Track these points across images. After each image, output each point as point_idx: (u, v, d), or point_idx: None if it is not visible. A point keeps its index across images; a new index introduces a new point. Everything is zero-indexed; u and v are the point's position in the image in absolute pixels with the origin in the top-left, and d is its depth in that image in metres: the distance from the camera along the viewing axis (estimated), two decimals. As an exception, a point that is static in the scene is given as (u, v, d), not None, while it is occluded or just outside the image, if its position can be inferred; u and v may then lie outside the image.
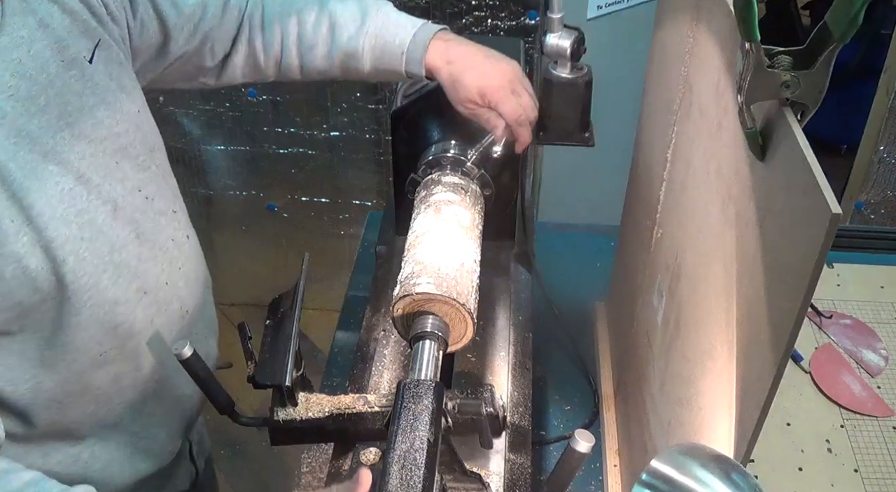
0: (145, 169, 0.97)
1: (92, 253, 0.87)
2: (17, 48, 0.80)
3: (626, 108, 1.54)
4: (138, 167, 0.95)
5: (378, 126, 2.35)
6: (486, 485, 0.93)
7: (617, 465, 1.28)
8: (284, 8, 1.09)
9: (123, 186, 0.92)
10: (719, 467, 0.62)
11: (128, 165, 0.93)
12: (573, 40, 1.13)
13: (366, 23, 1.07)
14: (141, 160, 0.96)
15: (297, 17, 1.09)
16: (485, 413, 0.86)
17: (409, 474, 0.73)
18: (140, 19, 0.99)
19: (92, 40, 0.90)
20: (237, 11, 1.09)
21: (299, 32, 1.09)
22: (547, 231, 1.71)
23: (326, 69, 1.11)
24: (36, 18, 0.83)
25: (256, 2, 1.10)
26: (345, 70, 1.11)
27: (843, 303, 1.51)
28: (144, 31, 1.00)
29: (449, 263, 0.95)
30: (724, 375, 0.75)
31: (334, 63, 1.10)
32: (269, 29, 1.09)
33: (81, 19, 0.88)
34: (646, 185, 1.17)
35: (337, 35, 1.08)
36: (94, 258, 0.87)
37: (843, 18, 0.57)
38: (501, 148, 1.11)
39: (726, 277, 0.76)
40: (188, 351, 0.87)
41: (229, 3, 1.08)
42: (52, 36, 0.84)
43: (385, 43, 1.07)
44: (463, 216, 1.05)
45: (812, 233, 0.55)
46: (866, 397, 1.32)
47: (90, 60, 0.89)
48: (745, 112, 0.65)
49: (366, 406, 0.93)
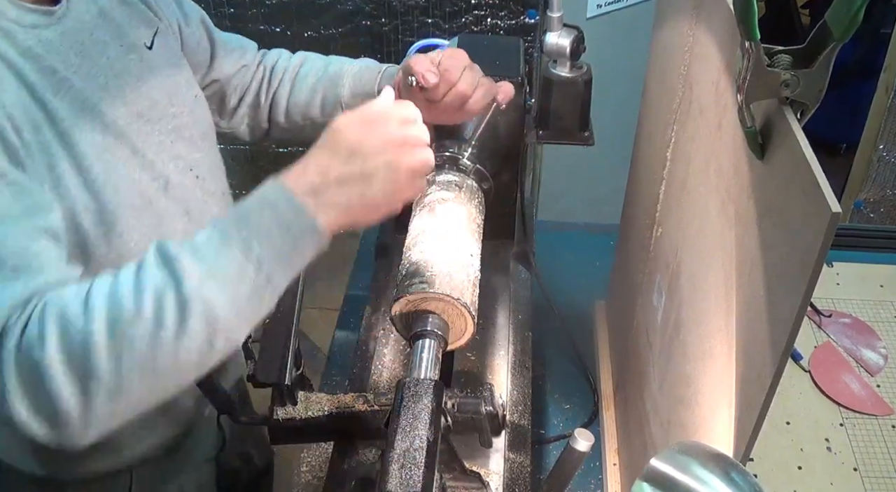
0: (198, 150, 1.03)
1: (140, 222, 0.91)
2: (81, 32, 0.88)
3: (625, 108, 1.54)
4: (192, 148, 1.01)
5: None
6: (485, 484, 0.93)
7: (616, 464, 1.28)
8: (293, 62, 1.20)
9: (176, 165, 0.98)
10: (719, 465, 0.62)
11: (181, 146, 0.99)
12: (573, 39, 1.13)
13: (354, 63, 1.17)
14: (194, 142, 1.02)
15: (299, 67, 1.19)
16: (484, 412, 0.86)
17: (408, 473, 0.73)
18: (193, 30, 1.09)
19: (150, 29, 0.99)
20: (263, 68, 1.20)
21: (297, 72, 1.19)
22: (546, 230, 1.71)
23: (308, 100, 1.16)
24: (97, 7, 0.92)
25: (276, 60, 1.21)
26: (324, 99, 1.16)
27: (842, 302, 1.51)
28: (196, 42, 1.10)
29: (443, 260, 0.95)
30: (723, 373, 0.75)
31: (317, 92, 1.15)
32: (275, 73, 1.20)
33: (139, 9, 0.98)
34: (645, 184, 1.17)
35: (329, 69, 1.17)
36: (142, 227, 0.92)
37: (842, 17, 0.57)
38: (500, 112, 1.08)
39: (726, 275, 0.76)
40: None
41: (264, 58, 1.21)
42: (111, 23, 0.93)
43: (366, 68, 1.15)
44: (458, 213, 1.05)
45: (811, 232, 0.55)
46: (866, 395, 1.32)
47: (149, 47, 0.97)
48: (745, 111, 0.65)
49: (365, 405, 0.93)
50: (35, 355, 0.67)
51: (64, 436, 0.70)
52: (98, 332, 0.67)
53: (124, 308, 0.68)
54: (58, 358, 0.67)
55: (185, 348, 0.69)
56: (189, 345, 0.69)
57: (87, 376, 0.67)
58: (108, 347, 0.67)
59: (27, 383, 0.68)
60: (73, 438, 0.70)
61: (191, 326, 0.69)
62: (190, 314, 0.69)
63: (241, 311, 0.72)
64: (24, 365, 0.68)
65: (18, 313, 0.69)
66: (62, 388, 0.67)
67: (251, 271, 0.71)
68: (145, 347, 0.68)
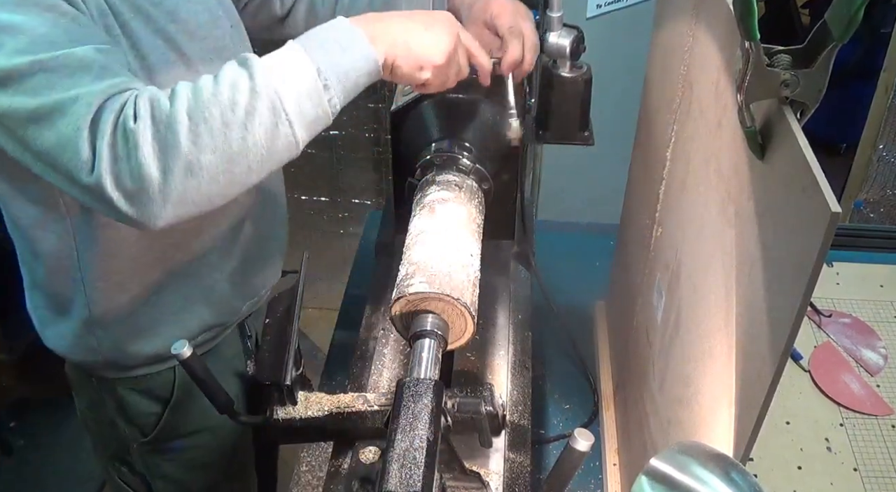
0: None
1: None
2: None
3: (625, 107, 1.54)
4: None
5: (377, 125, 2.35)
6: (485, 484, 0.93)
7: (616, 464, 1.28)
8: None
9: None
10: (718, 465, 0.62)
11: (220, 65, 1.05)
12: (573, 39, 1.13)
13: None
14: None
15: None
16: (484, 412, 0.86)
17: (408, 472, 0.73)
18: None
19: None
20: None
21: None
22: (546, 230, 1.71)
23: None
24: None
25: None
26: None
27: (842, 302, 1.51)
28: None
29: (443, 260, 0.95)
30: (723, 373, 0.75)
31: (376, 6, 1.19)
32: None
33: None
34: (645, 183, 1.17)
35: None
36: None
37: (842, 17, 0.57)
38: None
39: (726, 275, 0.76)
40: (187, 351, 0.87)
41: None
42: None
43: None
44: (458, 213, 1.05)
45: (811, 232, 0.55)
46: (865, 395, 1.32)
47: None
48: (745, 111, 0.65)
49: (365, 405, 0.93)
50: (129, 127, 0.78)
51: (142, 208, 0.80)
52: (180, 111, 0.79)
53: (203, 93, 0.80)
54: (147, 131, 0.78)
55: (253, 132, 0.80)
56: (257, 129, 0.80)
57: (168, 148, 0.78)
58: (188, 125, 0.78)
59: (118, 153, 0.78)
60: (151, 211, 0.80)
61: (259, 109, 0.80)
62: (258, 98, 0.80)
63: (302, 108, 0.82)
64: (117, 136, 0.79)
65: (115, 95, 0.80)
66: (148, 157, 0.78)
67: (312, 73, 0.82)
68: (219, 125, 0.79)
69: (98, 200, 0.81)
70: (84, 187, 0.80)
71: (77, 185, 0.81)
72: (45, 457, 2.32)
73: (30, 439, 2.37)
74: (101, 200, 0.80)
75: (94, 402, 1.25)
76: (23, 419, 2.41)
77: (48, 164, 0.82)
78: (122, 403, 1.21)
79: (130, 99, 0.80)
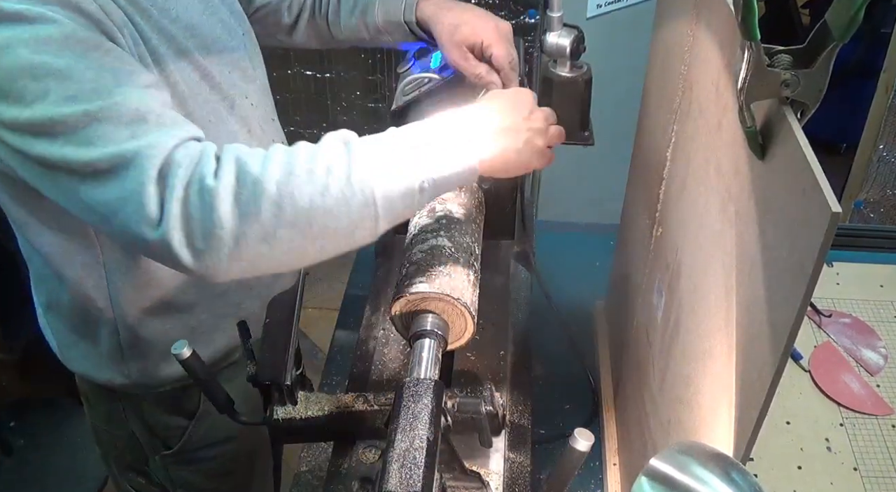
0: (251, 81, 1.11)
1: (217, 139, 0.94)
2: None
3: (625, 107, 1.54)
4: (245, 79, 1.09)
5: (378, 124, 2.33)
6: (485, 484, 0.93)
7: (616, 463, 1.28)
8: None
9: (235, 91, 1.06)
10: (719, 465, 0.62)
11: (237, 76, 1.07)
12: (573, 39, 1.13)
13: None
14: (247, 74, 1.10)
15: None
16: (484, 412, 0.86)
17: (408, 472, 0.73)
18: None
19: None
20: None
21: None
22: (546, 230, 1.71)
23: (354, 24, 1.24)
24: None
25: None
26: (366, 26, 1.23)
27: (842, 302, 1.51)
28: None
29: (443, 260, 0.95)
30: (723, 373, 0.75)
31: (356, 16, 1.23)
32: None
33: None
34: (645, 183, 1.17)
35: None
36: (212, 139, 0.95)
37: (842, 17, 0.57)
38: None
39: (726, 275, 0.76)
40: (187, 351, 0.87)
41: None
42: None
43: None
44: (457, 212, 1.05)
45: (812, 232, 0.55)
46: (866, 395, 1.32)
47: None
48: (745, 111, 0.65)
49: (365, 405, 0.93)
50: (206, 184, 0.75)
51: (208, 267, 0.77)
52: (270, 180, 0.75)
53: (297, 169, 0.77)
54: (230, 191, 0.75)
55: (338, 218, 0.78)
56: (342, 217, 0.78)
57: (249, 214, 0.75)
58: (274, 196, 0.75)
59: (189, 211, 0.75)
60: (216, 269, 0.77)
61: (350, 201, 0.77)
62: (353, 191, 0.77)
63: (393, 206, 0.80)
64: (190, 192, 0.75)
65: (179, 147, 0.77)
66: (225, 218, 0.74)
67: (415, 180, 0.80)
68: (306, 204, 0.76)
69: (159, 254, 0.77)
70: (146, 241, 0.77)
71: (138, 238, 0.77)
72: (45, 457, 2.32)
73: (30, 439, 2.37)
74: (165, 254, 0.77)
75: (112, 416, 1.23)
76: (23, 419, 2.41)
77: (103, 216, 0.78)
78: (145, 417, 1.20)
79: (207, 154, 0.77)
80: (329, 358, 1.44)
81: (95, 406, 1.25)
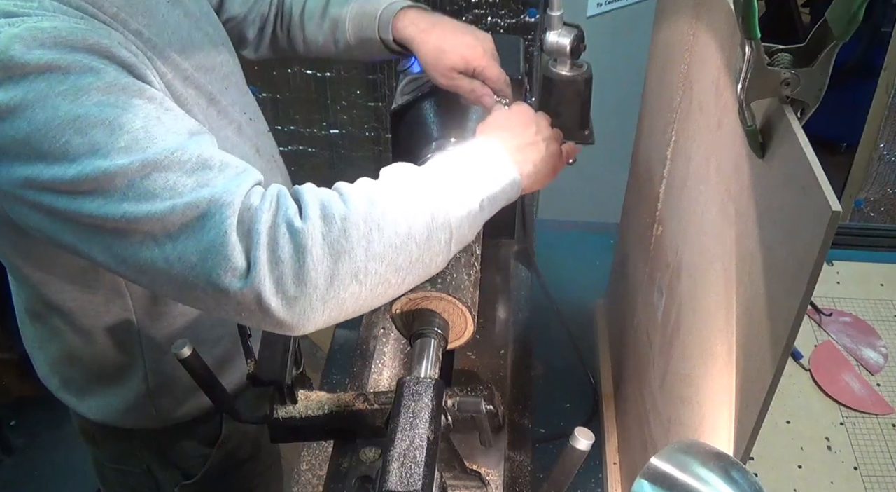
0: (244, 94, 1.09)
1: None
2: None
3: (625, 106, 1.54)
4: (239, 93, 1.06)
5: (378, 124, 2.35)
6: (485, 483, 0.93)
7: (617, 463, 1.28)
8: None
9: (235, 109, 1.02)
10: (719, 464, 0.62)
11: (234, 92, 1.04)
12: (573, 38, 1.13)
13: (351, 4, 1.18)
14: (240, 87, 1.07)
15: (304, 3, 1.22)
16: (484, 411, 0.86)
17: (408, 471, 0.73)
18: None
19: None
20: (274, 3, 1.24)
21: (304, 6, 1.21)
22: (547, 229, 1.71)
23: (321, 41, 1.21)
24: None
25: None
26: (335, 41, 1.19)
27: (842, 300, 1.51)
28: None
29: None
30: (723, 372, 0.75)
31: (325, 32, 1.19)
32: (287, 6, 1.23)
33: None
34: (646, 182, 1.17)
35: (329, 5, 1.19)
36: None
37: (843, 16, 0.57)
38: None
39: (726, 274, 0.76)
40: (187, 351, 0.87)
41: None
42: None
43: (364, 11, 1.15)
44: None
45: (812, 231, 0.55)
46: (866, 394, 1.32)
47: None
48: (745, 110, 0.65)
49: (365, 404, 0.93)
50: (295, 227, 0.71)
51: (299, 313, 0.72)
52: (356, 214, 0.74)
53: (379, 200, 0.76)
54: (319, 230, 0.72)
55: (419, 244, 0.78)
56: (422, 243, 0.78)
57: (341, 252, 0.72)
58: (364, 229, 0.74)
59: (280, 254, 0.70)
60: (307, 316, 0.73)
61: (431, 226, 0.78)
62: (432, 216, 0.78)
63: (461, 226, 0.82)
64: (277, 236, 0.71)
65: (249, 192, 0.72)
66: (318, 259, 0.71)
67: (471, 196, 0.84)
68: (393, 235, 0.75)
69: (245, 306, 0.71)
70: (229, 294, 0.71)
71: (220, 292, 0.71)
72: (46, 455, 2.32)
73: (30, 438, 2.38)
74: (252, 305, 0.71)
75: (124, 455, 1.19)
76: (23, 418, 2.41)
77: (169, 275, 0.71)
78: (163, 451, 1.17)
79: (284, 196, 0.74)
80: (329, 357, 1.44)
81: (104, 446, 1.20)
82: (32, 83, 0.69)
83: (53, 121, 0.69)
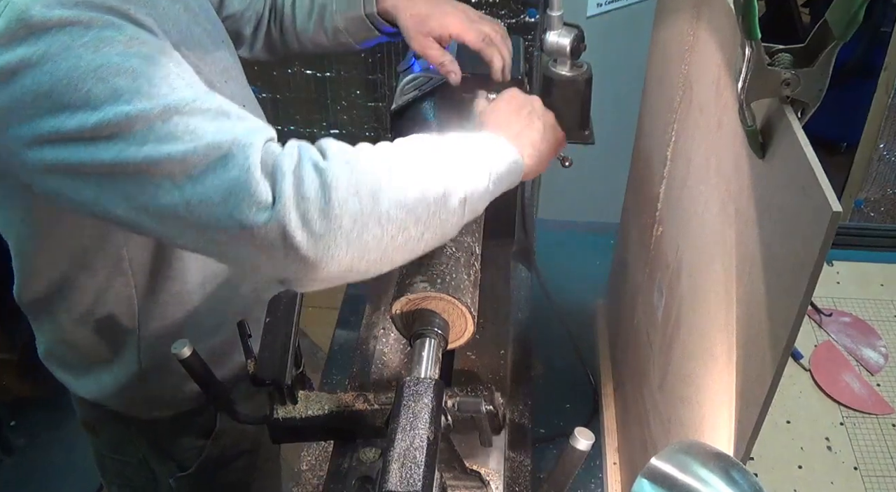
0: (244, 88, 1.10)
1: None
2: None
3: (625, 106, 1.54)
4: (239, 86, 1.08)
5: (378, 124, 2.35)
6: (485, 483, 0.93)
7: (617, 463, 1.28)
8: None
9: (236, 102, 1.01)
10: (719, 464, 0.62)
11: (233, 85, 1.05)
12: (573, 38, 1.13)
13: None
14: (239, 81, 1.09)
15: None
16: (484, 411, 0.86)
17: (408, 471, 0.73)
18: None
19: None
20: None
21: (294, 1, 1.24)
22: (547, 229, 1.71)
23: (311, 30, 1.23)
24: None
25: None
26: (324, 29, 1.21)
27: (842, 301, 1.51)
28: None
29: (443, 259, 0.95)
30: (723, 372, 0.75)
31: (314, 20, 1.21)
32: (280, 1, 1.25)
33: None
34: (646, 182, 1.17)
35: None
36: None
37: (843, 16, 0.57)
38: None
39: (726, 274, 0.76)
40: (187, 351, 0.87)
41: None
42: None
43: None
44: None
45: (812, 231, 0.55)
46: (866, 394, 1.32)
47: None
48: (746, 110, 0.65)
49: (365, 404, 0.93)
50: (320, 165, 0.72)
51: (321, 247, 0.72)
52: (379, 161, 0.76)
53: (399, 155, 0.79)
54: (344, 171, 0.72)
55: (439, 204, 0.79)
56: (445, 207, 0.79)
57: (365, 193, 0.73)
58: (387, 175, 0.75)
59: (305, 189, 0.70)
60: (329, 252, 0.72)
61: (451, 196, 0.80)
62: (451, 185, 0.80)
63: (475, 198, 0.84)
64: (304, 173, 0.71)
65: (269, 142, 0.73)
66: (343, 197, 0.71)
67: (486, 178, 0.85)
68: (413, 187, 0.76)
69: (270, 239, 0.70)
70: (254, 228, 0.70)
71: (245, 226, 0.70)
72: (46, 455, 2.32)
73: (30, 438, 2.38)
74: (276, 239, 0.70)
75: (121, 443, 1.21)
76: (23, 418, 2.41)
77: (194, 215, 0.71)
78: (159, 441, 1.18)
79: (304, 144, 0.75)
80: (329, 357, 1.44)
81: (103, 435, 1.22)
82: (55, 37, 0.70)
83: (76, 70, 0.70)
